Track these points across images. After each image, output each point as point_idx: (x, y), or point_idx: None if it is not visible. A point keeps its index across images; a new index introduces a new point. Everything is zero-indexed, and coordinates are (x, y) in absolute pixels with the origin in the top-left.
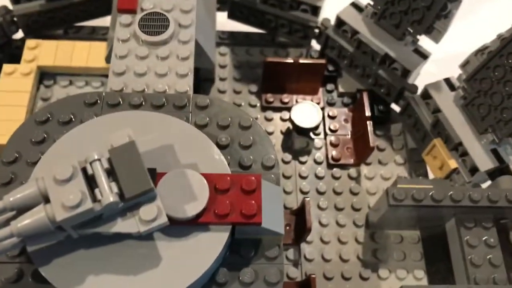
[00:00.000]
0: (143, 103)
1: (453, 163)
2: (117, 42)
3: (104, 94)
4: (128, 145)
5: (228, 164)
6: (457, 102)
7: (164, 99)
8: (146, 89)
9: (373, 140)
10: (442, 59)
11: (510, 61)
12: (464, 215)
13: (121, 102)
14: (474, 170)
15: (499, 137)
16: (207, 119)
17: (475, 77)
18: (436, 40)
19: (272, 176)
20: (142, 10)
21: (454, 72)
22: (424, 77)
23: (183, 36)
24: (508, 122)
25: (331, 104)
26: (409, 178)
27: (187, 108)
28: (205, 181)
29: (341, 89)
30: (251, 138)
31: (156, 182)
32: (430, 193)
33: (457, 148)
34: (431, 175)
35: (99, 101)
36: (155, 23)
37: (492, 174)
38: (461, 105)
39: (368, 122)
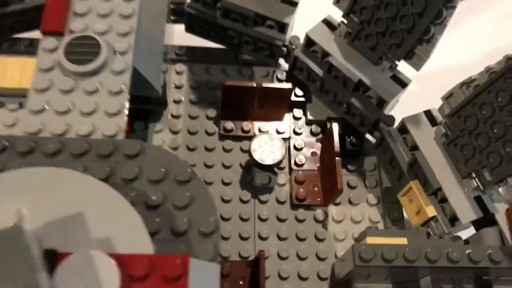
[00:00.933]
0: (61, 151)
1: (431, 211)
2: (38, 72)
3: (12, 139)
4: (11, 232)
5: (157, 231)
6: (438, 140)
7: (85, 147)
8: (67, 132)
9: (341, 182)
10: (424, 75)
11: (499, 99)
12: (441, 273)
13: (35, 149)
14: (454, 219)
15: (485, 185)
16: (136, 171)
17: (459, 114)
18: (417, 67)
19: (210, 246)
20: (71, 32)
21: (437, 91)
22: (402, 97)
23: (116, 65)
24: (494, 169)
25: (298, 133)
26: (380, 229)
27: (114, 158)
28: (115, 266)
29: (309, 117)
30: (188, 195)
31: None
32: (403, 252)
33: (436, 193)
34: (406, 217)
35: (8, 147)
36: (84, 49)
37: (477, 222)
38: (442, 143)
39: (337, 160)
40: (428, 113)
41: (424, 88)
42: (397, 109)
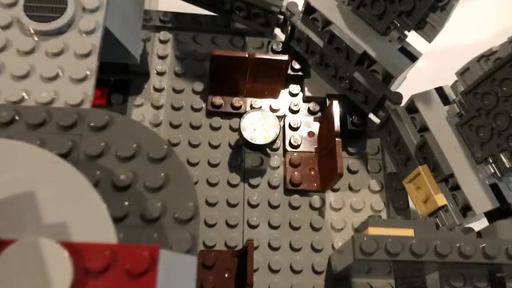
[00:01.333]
0: (15, 119)
1: (441, 199)
2: None
3: None
4: None
5: (125, 216)
6: (450, 120)
7: (43, 116)
8: (24, 99)
9: (341, 165)
10: (434, 51)
11: None
12: (451, 269)
13: None
14: (467, 209)
15: (502, 171)
16: (102, 146)
17: (476, 90)
18: (429, 38)
19: (187, 235)
20: None
21: (449, 70)
22: (410, 73)
23: (85, 24)
24: None
25: (294, 111)
26: (384, 219)
27: (77, 129)
28: (68, 258)
29: (307, 93)
30: (163, 176)
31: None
32: (409, 245)
33: (447, 179)
34: (412, 206)
35: None
36: (47, 5)
37: (491, 213)
38: (455, 124)
39: (337, 140)
40: (440, 90)
41: (433, 66)
42: (404, 86)
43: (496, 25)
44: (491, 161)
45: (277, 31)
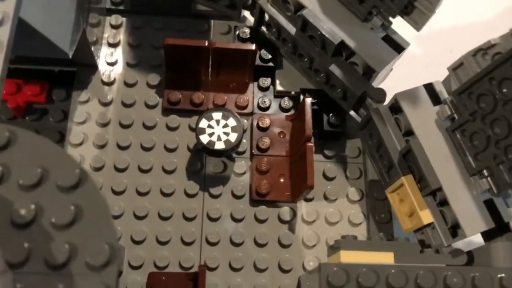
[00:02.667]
0: None
1: (426, 217)
2: None
3: None
4: None
5: (24, 261)
6: (440, 124)
7: None
8: None
9: (312, 176)
10: (426, 36)
11: None
12: None
13: None
14: (456, 227)
15: (499, 187)
16: (0, 170)
17: (471, 90)
18: (418, 25)
19: (101, 285)
20: None
21: (447, 54)
22: (396, 64)
23: None
24: None
25: (263, 108)
26: (359, 241)
27: None
28: None
29: (279, 87)
30: (73, 209)
31: None
32: (386, 275)
33: (435, 193)
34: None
35: None
36: None
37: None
38: (446, 128)
39: (308, 146)
40: (429, 88)
41: (423, 52)
42: (389, 81)
43: (502, 1)
44: (486, 174)
45: (246, 13)
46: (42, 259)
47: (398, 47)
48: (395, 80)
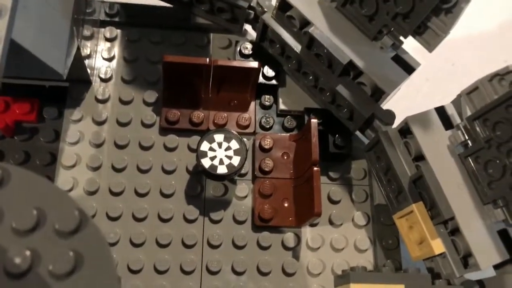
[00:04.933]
0: None
1: (438, 246)
2: None
3: None
4: None
5: None
6: (453, 149)
7: None
8: None
9: (319, 203)
10: (438, 54)
11: None
12: None
13: None
14: (468, 257)
15: None
16: None
17: (486, 117)
18: (431, 46)
19: None
20: None
21: (449, 67)
22: (406, 85)
23: None
24: None
25: (266, 128)
26: (368, 273)
27: None
28: None
29: (282, 106)
30: (73, 256)
31: None
32: None
33: (446, 221)
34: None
35: None
36: None
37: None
38: (459, 154)
39: (314, 170)
40: (441, 111)
41: (426, 65)
42: (398, 102)
43: (505, 13)
44: (501, 204)
45: (248, 27)
46: None
47: (408, 67)
48: (402, 104)
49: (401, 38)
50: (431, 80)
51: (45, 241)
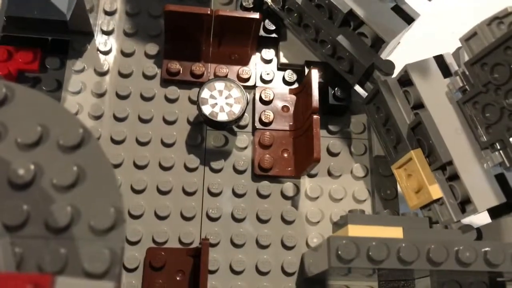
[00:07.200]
0: None
1: (435, 191)
2: None
3: None
4: None
5: (23, 224)
6: (451, 96)
7: None
8: None
9: (318, 149)
10: (424, 17)
11: None
12: (445, 275)
13: None
14: (466, 203)
15: None
16: None
17: (484, 61)
18: None
19: (105, 251)
20: None
21: (449, 35)
22: (405, 36)
23: None
24: None
25: (266, 81)
26: (367, 215)
27: None
28: None
29: (283, 59)
30: (76, 170)
31: None
32: (397, 249)
33: (444, 167)
34: (402, 195)
35: None
36: None
37: (494, 207)
38: (457, 101)
39: (314, 118)
40: (439, 59)
41: (432, 27)
42: (396, 53)
43: None
44: (498, 147)
45: None
46: (42, 222)
47: (408, 18)
48: (401, 55)
49: None
50: (432, 49)
51: (48, 155)
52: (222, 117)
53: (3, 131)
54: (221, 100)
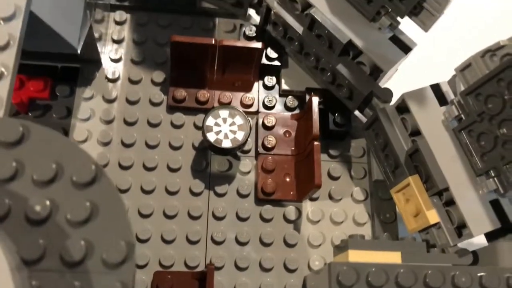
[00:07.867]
0: None
1: (433, 216)
2: None
3: None
4: None
5: (40, 258)
6: (447, 124)
7: None
8: None
9: (319, 175)
10: (434, 36)
11: None
12: None
13: None
14: (462, 227)
15: (506, 187)
16: (14, 166)
17: (479, 92)
18: (426, 26)
19: (117, 284)
20: None
21: (450, 59)
22: (402, 65)
23: (1, 9)
24: None
25: (268, 107)
26: (366, 240)
27: None
28: None
29: (284, 86)
30: (89, 206)
31: None
32: (395, 275)
33: (441, 193)
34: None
35: None
36: None
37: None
38: (453, 129)
39: (315, 145)
40: (436, 88)
41: (429, 54)
42: (394, 79)
43: (505, 3)
44: (493, 174)
45: (252, 12)
46: (58, 256)
47: (405, 47)
48: (399, 82)
49: (398, 18)
50: (428, 77)
51: (63, 192)
52: (226, 143)
53: (20, 169)
54: (225, 127)
